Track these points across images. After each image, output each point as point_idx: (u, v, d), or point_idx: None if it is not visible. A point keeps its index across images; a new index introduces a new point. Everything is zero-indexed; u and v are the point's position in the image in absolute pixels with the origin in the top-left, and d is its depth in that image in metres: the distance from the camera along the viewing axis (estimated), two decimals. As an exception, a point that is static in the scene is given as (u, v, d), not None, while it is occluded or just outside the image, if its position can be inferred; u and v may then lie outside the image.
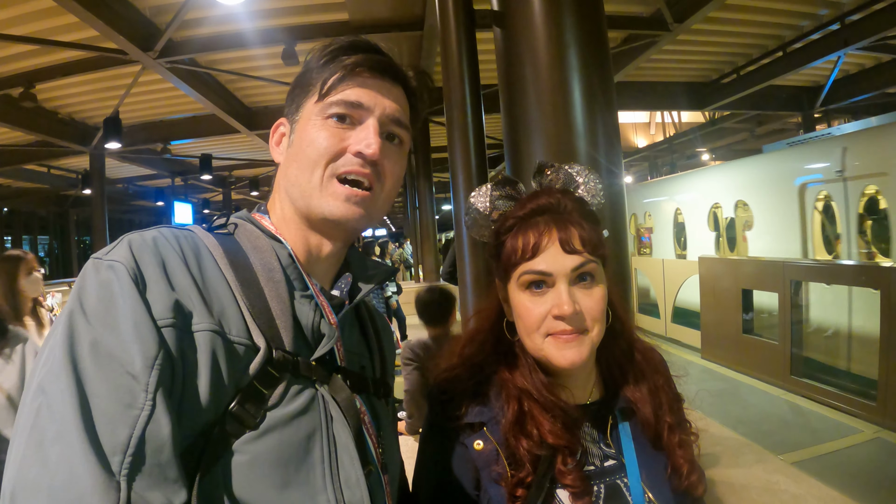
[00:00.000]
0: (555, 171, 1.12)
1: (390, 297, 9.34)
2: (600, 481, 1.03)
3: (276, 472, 0.77)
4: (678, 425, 1.11)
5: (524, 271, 1.02)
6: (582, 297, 1.00)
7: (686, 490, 1.06)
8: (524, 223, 1.04)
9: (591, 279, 1.02)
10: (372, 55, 0.93)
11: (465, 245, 2.90)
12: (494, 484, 1.01)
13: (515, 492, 0.99)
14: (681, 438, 1.09)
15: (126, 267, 0.73)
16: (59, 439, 0.62)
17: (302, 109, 0.93)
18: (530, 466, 0.99)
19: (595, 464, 1.05)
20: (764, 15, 8.33)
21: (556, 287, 1.00)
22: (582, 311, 0.99)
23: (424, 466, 1.14)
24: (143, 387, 0.67)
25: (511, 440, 1.02)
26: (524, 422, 1.03)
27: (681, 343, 8.94)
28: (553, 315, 0.99)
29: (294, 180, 0.91)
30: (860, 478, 4.06)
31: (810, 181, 8.04)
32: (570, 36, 2.53)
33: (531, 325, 1.02)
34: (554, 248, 1.00)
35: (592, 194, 1.10)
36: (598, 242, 1.03)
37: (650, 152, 20.54)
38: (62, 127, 10.82)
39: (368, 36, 0.99)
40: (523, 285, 1.03)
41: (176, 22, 6.49)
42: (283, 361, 0.81)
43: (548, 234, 1.01)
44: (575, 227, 1.01)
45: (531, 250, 1.01)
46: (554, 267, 1.00)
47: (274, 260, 0.88)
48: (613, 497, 1.02)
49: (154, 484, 0.65)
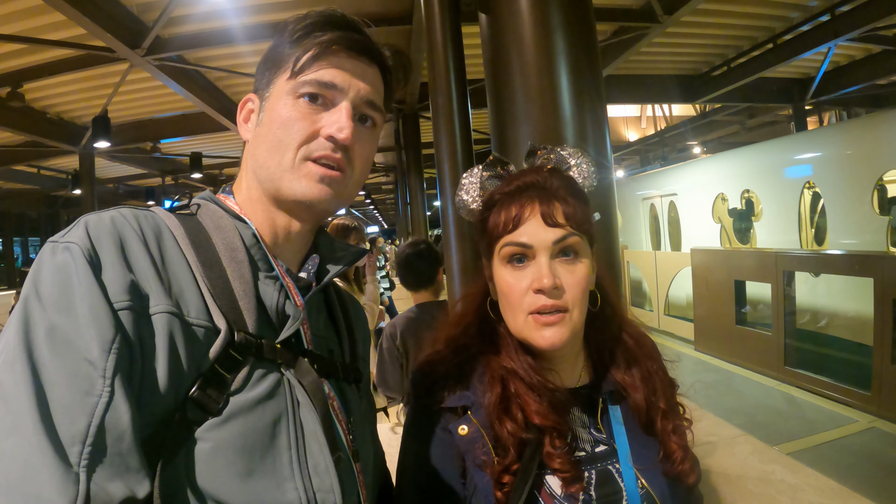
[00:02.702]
0: (547, 152, 1.10)
1: (382, 293, 9.30)
2: (591, 467, 1.01)
3: (241, 459, 0.73)
4: (671, 411, 1.09)
5: (505, 243, 1.01)
6: (563, 273, 0.98)
7: (678, 476, 1.03)
8: (508, 198, 1.03)
9: (574, 255, 1.00)
10: (348, 33, 0.90)
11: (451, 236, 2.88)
12: (479, 471, 0.98)
13: (501, 478, 0.95)
14: (675, 424, 1.07)
15: (82, 248, 0.70)
16: (13, 431, 0.59)
17: (272, 86, 0.90)
18: (515, 452, 0.96)
19: (586, 449, 1.03)
20: (754, 6, 8.33)
21: (537, 260, 0.98)
22: (563, 286, 0.97)
23: (408, 454, 1.10)
24: (101, 373, 0.64)
25: (495, 423, 0.99)
26: (509, 403, 1.00)
27: (674, 335, 8.96)
28: (533, 289, 0.97)
29: (263, 162, 0.88)
30: (856, 467, 4.07)
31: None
32: (557, 20, 2.49)
33: (513, 302, 1.00)
34: (535, 221, 0.98)
35: (584, 177, 1.08)
36: (584, 219, 1.00)
37: (641, 146, 20.60)
38: (51, 127, 10.74)
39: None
40: (505, 259, 1.02)
41: (163, 19, 6.44)
42: (246, 344, 0.78)
43: (530, 206, 0.99)
44: (559, 201, 0.99)
45: (513, 222, 0.99)
46: (534, 239, 0.98)
47: (237, 240, 0.85)
48: (605, 483, 1.00)
49: (115, 474, 0.62)
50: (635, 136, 20.97)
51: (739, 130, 17.81)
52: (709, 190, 10.49)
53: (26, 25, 6.72)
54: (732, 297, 7.26)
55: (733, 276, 7.31)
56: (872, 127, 7.81)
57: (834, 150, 8.06)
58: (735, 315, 7.22)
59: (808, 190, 8.55)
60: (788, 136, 11.08)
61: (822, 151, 8.24)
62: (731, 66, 10.67)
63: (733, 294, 7.25)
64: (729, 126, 17.76)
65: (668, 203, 11.99)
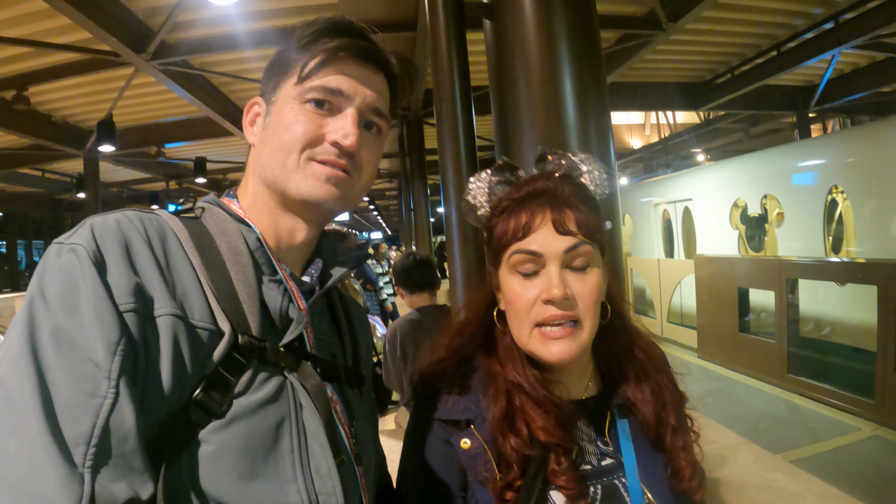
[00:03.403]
0: (558, 158, 1.07)
1: (385, 299, 9.29)
2: (597, 481, 0.99)
3: (244, 461, 0.74)
4: (681, 427, 1.07)
5: (514, 251, 0.98)
6: (574, 283, 0.96)
7: (685, 493, 1.02)
8: (518, 205, 1.00)
9: (586, 264, 0.97)
10: (355, 40, 0.90)
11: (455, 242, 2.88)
12: (481, 487, 0.97)
13: (504, 495, 0.94)
14: (684, 441, 1.05)
15: (87, 250, 0.70)
16: (18, 431, 0.59)
17: (279, 91, 0.91)
18: (518, 468, 0.94)
19: (592, 463, 1.01)
20: (758, 14, 8.33)
21: (547, 269, 0.96)
22: (574, 297, 0.95)
23: (408, 466, 1.08)
24: (106, 374, 0.64)
25: (499, 438, 0.97)
26: (513, 418, 0.98)
27: (677, 343, 8.93)
28: (543, 299, 0.95)
29: (268, 164, 0.88)
30: (859, 476, 4.04)
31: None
32: (561, 26, 2.50)
33: (521, 312, 0.98)
34: (546, 229, 0.96)
35: (596, 184, 1.05)
36: (596, 227, 0.98)
37: (645, 153, 20.57)
38: (56, 130, 10.77)
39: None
40: (513, 267, 0.99)
41: (169, 23, 6.46)
42: (250, 347, 0.78)
43: (541, 214, 0.97)
44: (571, 209, 0.97)
45: (522, 230, 0.97)
46: (545, 248, 0.95)
47: (241, 243, 0.86)
48: (611, 498, 0.98)
49: (119, 475, 0.62)
50: (639, 144, 20.94)
51: (743, 138, 17.78)
52: (727, 195, 10.14)
53: (32, 29, 6.74)
54: (736, 304, 7.23)
55: (736, 283, 7.29)
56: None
57: (868, 152, 7.63)
58: (738, 323, 7.19)
59: (840, 195, 8.30)
60: (813, 139, 10.78)
61: (851, 155, 7.88)
62: (735, 73, 10.65)
63: (736, 302, 7.23)
64: (732, 133, 17.73)
65: (683, 209, 11.69)
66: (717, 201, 10.38)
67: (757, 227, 10.36)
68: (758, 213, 9.89)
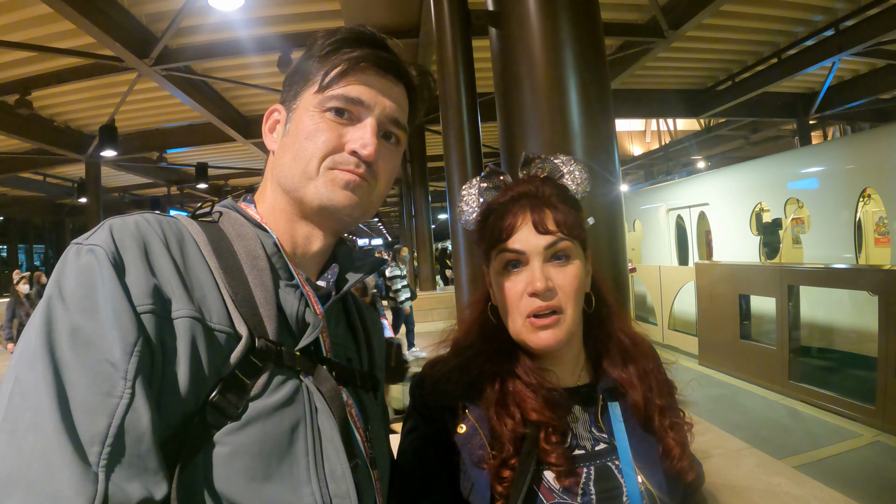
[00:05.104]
0: (542, 161, 1.15)
1: (403, 301, 9.28)
2: (590, 463, 1.03)
3: (259, 464, 0.74)
4: (669, 409, 1.11)
5: (500, 250, 1.05)
6: (555, 274, 1.02)
7: (677, 474, 1.05)
8: (503, 207, 1.07)
9: (566, 258, 1.04)
10: (377, 51, 0.91)
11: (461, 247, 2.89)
12: (477, 468, 1.00)
13: (501, 473, 0.97)
14: (672, 422, 1.09)
15: (106, 251, 0.71)
16: (34, 428, 0.59)
17: (300, 98, 0.91)
18: (512, 447, 0.99)
19: (585, 447, 1.05)
20: (758, 21, 8.37)
21: (531, 265, 1.02)
22: (555, 287, 1.01)
23: (403, 452, 1.12)
24: (122, 374, 0.64)
25: (493, 421, 1.01)
26: (507, 402, 1.04)
27: (678, 350, 8.93)
28: (528, 293, 1.02)
29: (287, 171, 0.89)
30: (861, 481, 4.05)
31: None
32: (566, 34, 2.51)
33: (510, 305, 1.05)
34: (527, 228, 1.03)
35: (577, 183, 1.13)
36: (574, 224, 1.05)
37: (646, 160, 20.62)
38: (58, 135, 10.81)
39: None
40: (501, 265, 1.06)
41: (172, 29, 6.49)
42: (266, 350, 0.78)
43: (522, 215, 1.04)
44: (550, 209, 1.04)
45: (506, 231, 1.04)
46: (527, 246, 1.02)
47: (259, 248, 0.86)
48: (604, 478, 1.02)
49: (133, 475, 0.62)
50: (640, 151, 20.99)
51: (744, 145, 17.83)
52: (748, 199, 9.58)
53: (35, 34, 6.78)
54: (737, 311, 7.23)
55: (737, 290, 7.29)
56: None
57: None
58: (739, 329, 7.19)
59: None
60: (842, 139, 10.46)
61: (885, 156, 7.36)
62: (736, 80, 10.71)
63: (737, 308, 7.23)
64: (733, 140, 17.78)
65: (698, 214, 11.19)
66: (737, 205, 9.86)
67: (771, 233, 10.00)
68: (772, 218, 9.44)
